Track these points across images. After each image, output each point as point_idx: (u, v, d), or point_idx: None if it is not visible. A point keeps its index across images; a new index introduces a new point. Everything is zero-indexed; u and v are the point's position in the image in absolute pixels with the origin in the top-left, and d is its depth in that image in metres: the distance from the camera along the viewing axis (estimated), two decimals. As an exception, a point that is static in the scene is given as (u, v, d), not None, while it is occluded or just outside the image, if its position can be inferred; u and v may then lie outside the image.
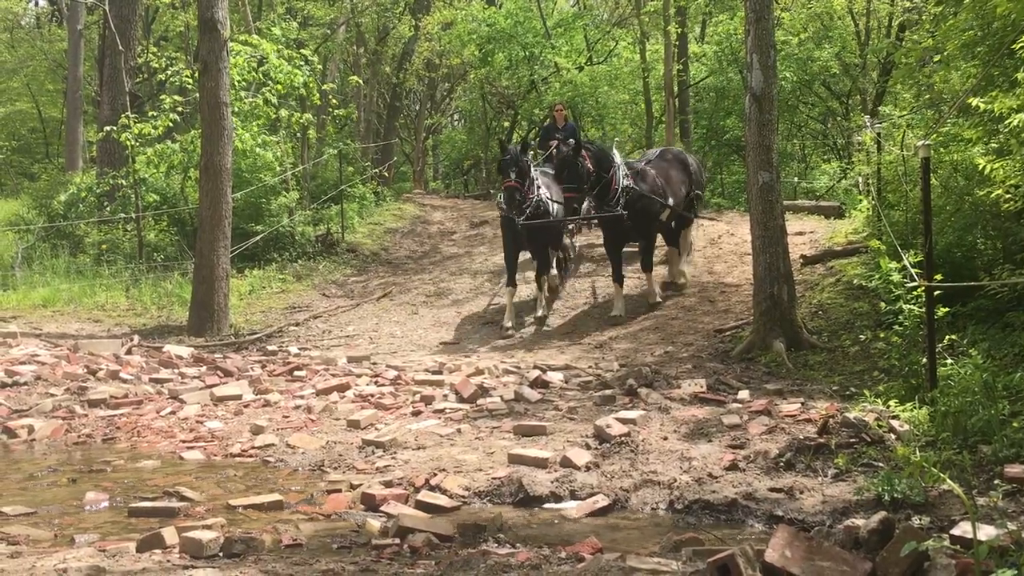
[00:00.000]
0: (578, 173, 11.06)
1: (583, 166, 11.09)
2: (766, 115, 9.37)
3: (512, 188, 11.29)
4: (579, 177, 11.05)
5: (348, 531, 4.69)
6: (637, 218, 11.55)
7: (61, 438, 7.45)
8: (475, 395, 7.70)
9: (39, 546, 4.35)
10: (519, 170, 11.34)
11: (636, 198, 11.48)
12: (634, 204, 11.47)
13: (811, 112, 22.35)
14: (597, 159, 11.35)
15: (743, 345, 9.41)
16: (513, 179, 11.32)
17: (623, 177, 11.46)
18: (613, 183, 11.35)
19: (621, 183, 11.38)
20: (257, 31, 17.79)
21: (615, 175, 11.41)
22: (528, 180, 11.49)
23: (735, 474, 5.51)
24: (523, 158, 11.52)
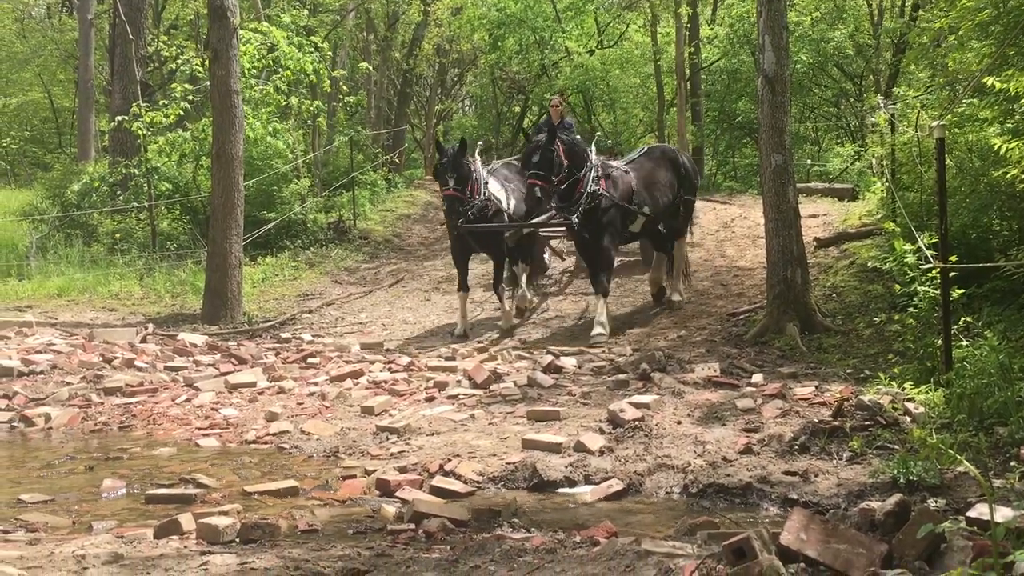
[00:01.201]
0: (549, 160, 9.87)
1: (557, 156, 9.92)
2: (779, 97, 9.31)
3: (452, 198, 10.26)
4: (550, 165, 9.86)
5: (363, 516, 4.71)
6: (598, 229, 10.17)
7: (78, 426, 7.49)
8: (488, 381, 7.70)
9: (57, 533, 4.39)
10: (458, 176, 10.32)
11: (602, 207, 10.15)
12: (598, 214, 10.14)
13: (824, 94, 22.20)
14: (570, 152, 10.12)
15: (757, 329, 9.38)
16: (452, 187, 10.27)
17: (593, 181, 10.13)
18: (580, 185, 10.07)
19: (589, 186, 10.06)
20: (267, 18, 17.77)
21: (586, 176, 10.14)
22: (471, 183, 10.50)
23: (749, 458, 5.50)
24: (463, 159, 10.46)
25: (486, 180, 10.85)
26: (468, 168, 10.54)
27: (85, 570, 3.50)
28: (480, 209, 10.64)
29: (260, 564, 3.59)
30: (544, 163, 9.86)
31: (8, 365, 8.82)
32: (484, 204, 10.68)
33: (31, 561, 3.64)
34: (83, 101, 22.46)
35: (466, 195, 10.41)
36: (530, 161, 10.01)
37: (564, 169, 10.00)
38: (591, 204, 10.10)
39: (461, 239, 10.90)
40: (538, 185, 9.84)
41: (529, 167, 10.03)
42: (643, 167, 10.97)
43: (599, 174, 10.27)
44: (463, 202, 10.36)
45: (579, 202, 10.04)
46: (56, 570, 3.49)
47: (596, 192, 10.12)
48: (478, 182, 10.67)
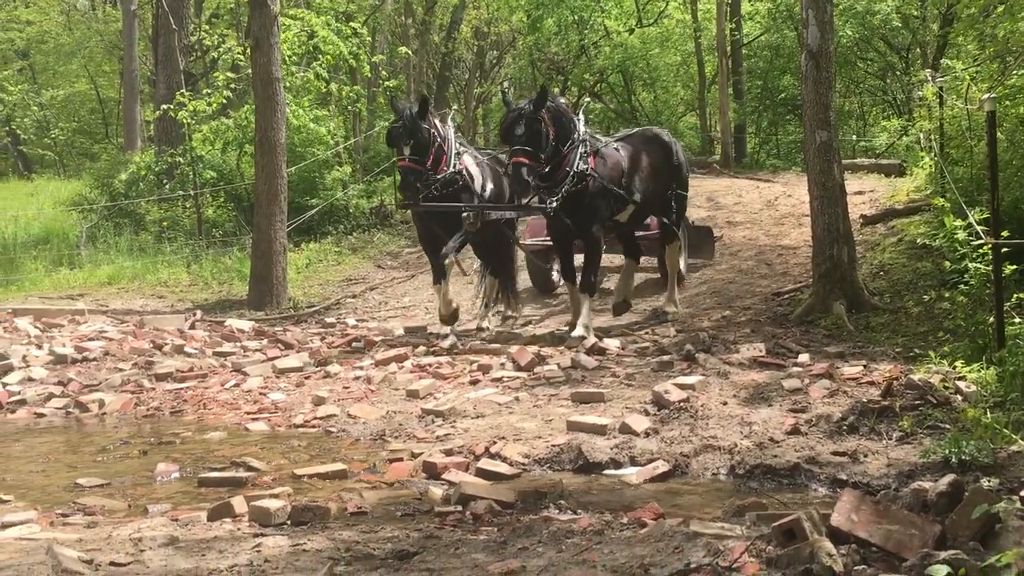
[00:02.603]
0: (537, 133, 8.11)
1: (545, 126, 8.21)
2: (823, 72, 9.15)
3: (407, 170, 8.65)
4: (538, 138, 8.10)
5: (411, 499, 4.76)
6: (582, 215, 8.63)
7: (131, 411, 7.65)
8: (532, 363, 7.71)
9: (114, 516, 4.49)
10: (416, 143, 8.62)
11: (589, 191, 8.59)
12: (584, 198, 8.57)
13: (870, 68, 21.77)
14: (557, 124, 8.40)
15: (802, 308, 9.26)
16: (408, 156, 8.64)
17: (580, 157, 8.51)
18: (566, 162, 8.45)
19: (576, 165, 8.46)
20: (306, 5, 17.86)
21: (572, 152, 8.51)
22: (434, 151, 8.82)
23: (797, 438, 5.46)
24: (423, 123, 8.72)
25: (458, 151, 9.23)
26: (429, 134, 8.78)
27: (142, 552, 3.58)
28: (446, 184, 8.96)
29: (312, 546, 3.64)
30: (531, 136, 8.08)
31: (62, 352, 9.02)
32: (452, 178, 9.01)
33: (90, 544, 3.73)
34: (128, 91, 22.77)
35: (425, 167, 8.74)
36: (512, 134, 8.14)
37: (551, 144, 8.29)
38: (576, 186, 8.49)
39: (426, 221, 9.40)
40: (525, 165, 8.03)
41: (512, 141, 8.15)
42: (634, 148, 9.37)
43: (587, 150, 8.63)
44: (421, 175, 8.69)
45: (563, 183, 8.43)
46: (114, 552, 3.57)
47: (584, 172, 8.48)
48: (445, 151, 9.02)
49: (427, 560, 3.46)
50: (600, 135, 9.45)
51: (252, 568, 3.37)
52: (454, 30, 25.85)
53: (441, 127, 9.18)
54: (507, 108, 8.66)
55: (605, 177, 8.72)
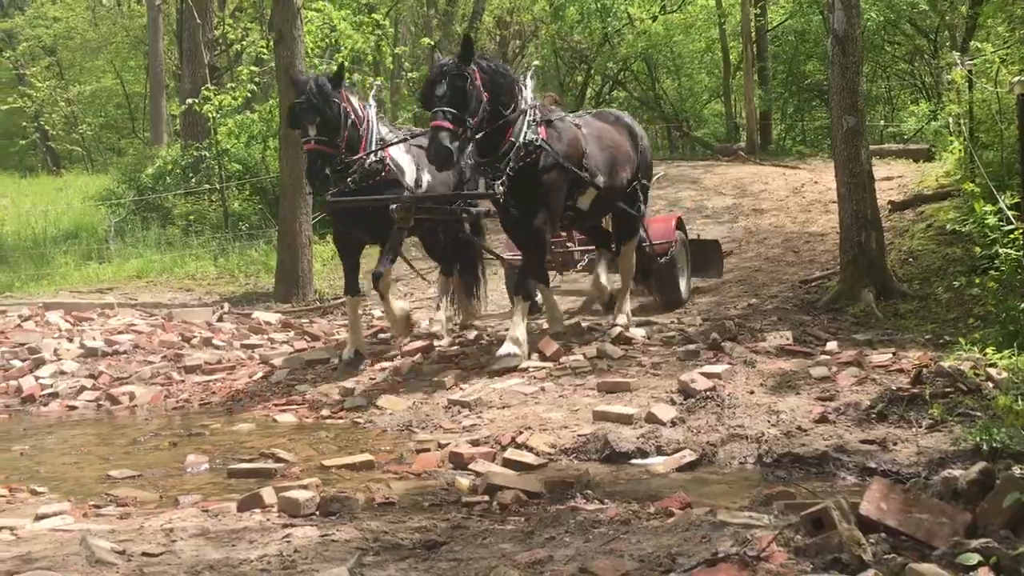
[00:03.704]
0: (462, 92, 6.78)
1: (472, 86, 6.85)
2: (850, 57, 9.05)
3: (314, 154, 7.36)
4: (463, 99, 6.78)
5: (438, 489, 4.77)
6: (531, 198, 7.32)
7: (160, 404, 7.74)
8: (558, 353, 7.70)
9: (146, 507, 4.54)
10: (323, 121, 7.33)
11: (540, 166, 7.29)
12: (534, 174, 7.28)
13: (897, 51, 21.51)
14: (493, 83, 7.06)
15: (830, 295, 9.20)
16: (313, 138, 7.33)
17: (528, 125, 7.28)
18: (509, 132, 7.20)
19: (523, 135, 7.22)
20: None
21: (518, 122, 7.25)
22: (347, 133, 7.52)
23: (825, 426, 5.42)
24: (333, 98, 7.41)
25: (381, 135, 7.91)
26: (341, 112, 7.47)
27: (174, 543, 3.63)
28: (365, 175, 7.70)
29: (340, 536, 3.67)
30: (455, 95, 6.78)
31: (93, 346, 9.13)
32: (373, 168, 7.73)
33: (122, 535, 3.78)
34: (154, 86, 22.96)
35: (337, 150, 7.45)
36: (432, 95, 6.85)
37: (485, 108, 6.98)
38: (524, 161, 7.24)
39: (343, 220, 8.08)
40: (447, 130, 6.69)
41: (432, 102, 6.85)
42: (595, 127, 8.18)
43: (536, 118, 7.37)
44: (331, 159, 7.41)
45: (507, 158, 7.20)
46: (147, 543, 3.62)
47: (533, 143, 7.25)
48: (362, 135, 7.72)
49: (455, 550, 3.47)
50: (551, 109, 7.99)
51: (282, 558, 3.40)
52: (476, 20, 25.83)
53: (359, 106, 7.87)
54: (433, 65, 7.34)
55: (561, 153, 7.41)
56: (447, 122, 6.72)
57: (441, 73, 6.92)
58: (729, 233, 13.22)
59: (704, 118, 25.67)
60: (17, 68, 30.60)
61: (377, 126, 7.95)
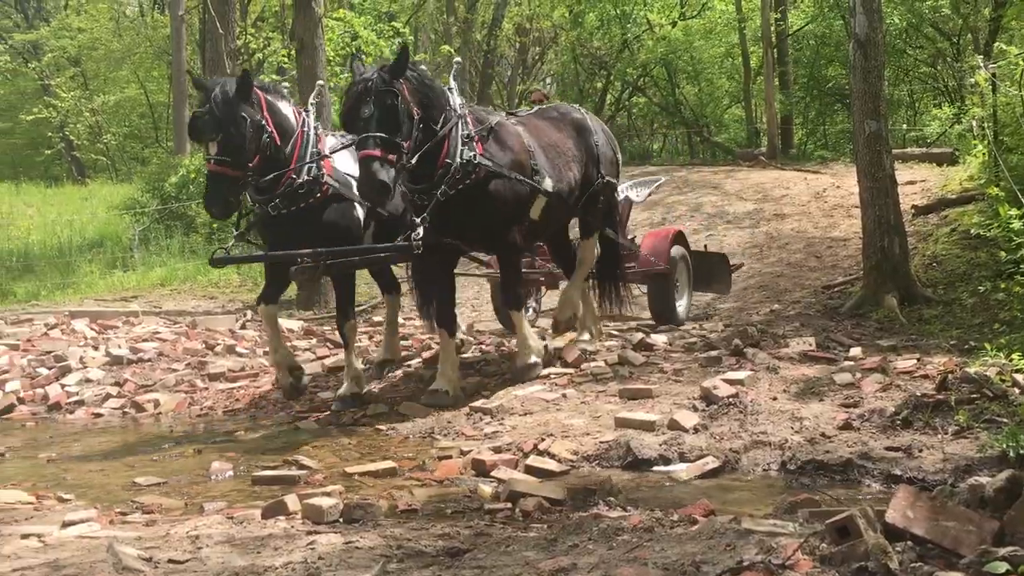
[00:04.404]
0: (392, 112, 5.91)
1: (404, 105, 5.99)
2: (872, 61, 9.02)
3: (214, 177, 6.41)
4: (395, 120, 5.90)
5: (460, 496, 4.78)
6: (482, 217, 6.60)
7: (185, 411, 7.80)
8: (579, 360, 7.70)
9: (171, 514, 4.58)
10: (227, 138, 6.35)
11: (485, 183, 6.51)
12: (477, 197, 6.50)
13: (919, 55, 21.38)
14: (423, 96, 6.23)
15: (853, 301, 9.15)
16: (213, 157, 6.37)
17: (462, 142, 6.39)
18: (444, 149, 6.33)
19: (459, 153, 6.35)
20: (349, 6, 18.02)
21: (451, 135, 6.37)
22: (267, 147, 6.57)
23: (849, 433, 5.39)
24: (239, 109, 6.42)
25: (317, 147, 6.89)
26: (250, 126, 6.43)
27: (199, 550, 3.66)
28: (296, 196, 6.73)
29: (364, 543, 3.68)
30: (384, 117, 5.89)
31: (118, 354, 9.21)
32: (310, 188, 6.76)
33: (149, 541, 3.82)
34: (177, 96, 23.14)
35: (244, 171, 6.43)
36: (357, 117, 5.93)
37: (417, 127, 6.09)
38: (462, 183, 6.37)
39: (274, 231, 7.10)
40: (378, 159, 5.77)
41: (357, 126, 5.96)
42: (536, 128, 7.35)
43: (469, 132, 6.45)
44: (236, 184, 6.44)
45: (441, 182, 6.32)
46: (172, 550, 3.65)
47: (471, 161, 6.37)
48: (293, 149, 6.75)
49: (478, 558, 3.48)
50: (484, 109, 7.27)
51: (306, 565, 3.42)
52: (496, 27, 25.90)
53: (292, 113, 6.93)
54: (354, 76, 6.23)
55: (505, 164, 6.63)
56: (377, 150, 5.81)
57: (366, 90, 5.91)
58: (751, 238, 13.17)
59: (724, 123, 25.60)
60: (42, 79, 30.98)
61: (315, 135, 6.93)
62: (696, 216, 14.79)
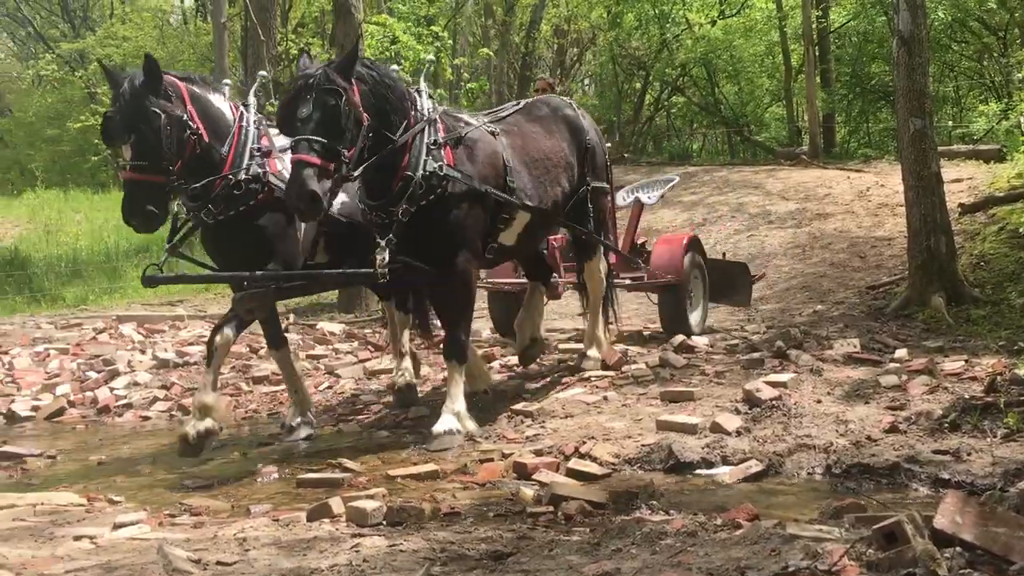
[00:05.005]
0: (334, 116, 5.22)
1: (349, 108, 5.27)
2: (916, 59, 8.91)
3: (130, 185, 5.62)
4: (335, 122, 5.21)
5: (503, 499, 4.79)
6: (439, 242, 5.85)
7: (231, 414, 7.90)
8: (620, 362, 7.68)
9: (219, 516, 4.65)
10: (140, 139, 5.50)
11: (449, 198, 5.78)
12: (440, 215, 5.77)
13: (965, 50, 21.03)
14: (378, 99, 5.54)
15: (899, 301, 9.04)
16: (128, 163, 5.55)
17: (428, 152, 5.69)
18: (405, 160, 5.64)
19: (423, 164, 5.65)
20: (388, 11, 18.15)
21: (412, 143, 5.68)
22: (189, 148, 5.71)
23: (895, 436, 5.32)
24: (152, 105, 5.49)
25: (259, 146, 6.01)
26: (168, 124, 5.54)
27: (247, 552, 3.71)
28: (232, 201, 5.89)
29: (408, 546, 3.71)
30: (324, 119, 5.21)
31: (165, 357, 9.37)
32: (249, 190, 5.91)
33: (197, 544, 3.88)
34: (220, 102, 23.47)
35: (167, 177, 5.62)
36: (293, 117, 5.28)
37: (367, 135, 5.43)
38: (425, 198, 5.70)
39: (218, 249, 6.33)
40: (313, 166, 5.12)
41: (292, 129, 5.31)
42: (520, 130, 6.56)
43: (437, 139, 5.78)
44: (158, 193, 5.64)
45: (401, 199, 5.65)
46: (221, 552, 3.71)
47: (436, 173, 5.68)
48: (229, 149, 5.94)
49: (521, 561, 3.49)
50: (466, 114, 6.52)
51: (351, 568, 3.46)
52: (534, 29, 25.93)
53: (228, 108, 6.10)
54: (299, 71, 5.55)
55: (476, 176, 5.90)
56: (313, 156, 5.14)
57: (306, 87, 5.27)
58: (793, 238, 13.06)
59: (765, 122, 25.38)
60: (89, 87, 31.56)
61: (257, 131, 6.09)
62: (738, 216, 14.69)
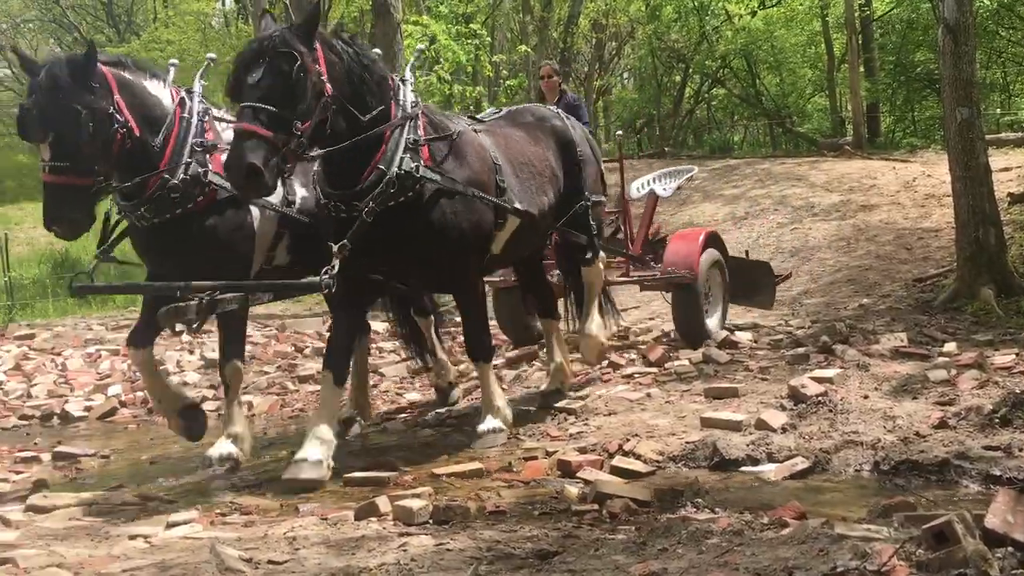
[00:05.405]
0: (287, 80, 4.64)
1: (305, 76, 4.70)
2: (962, 47, 8.75)
3: (51, 189, 4.98)
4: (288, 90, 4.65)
5: (547, 497, 4.81)
6: (430, 244, 5.38)
7: (277, 413, 8.02)
8: (663, 358, 7.66)
9: (268, 515, 4.72)
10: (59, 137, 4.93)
11: (428, 201, 5.29)
12: (420, 218, 5.27)
13: (1012, 36, 20.60)
14: (349, 74, 5.05)
15: (946, 294, 8.90)
16: (47, 164, 4.96)
17: (405, 147, 5.18)
18: (379, 153, 5.14)
19: (398, 161, 5.14)
20: (426, 9, 18.24)
21: (390, 137, 5.19)
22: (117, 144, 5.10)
23: (945, 432, 5.24)
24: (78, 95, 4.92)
25: (202, 140, 5.38)
26: (90, 119, 4.95)
27: (297, 551, 3.77)
28: (169, 203, 5.30)
29: (455, 545, 3.75)
30: (276, 86, 4.66)
31: (212, 357, 9.50)
32: (188, 191, 5.31)
33: (248, 543, 3.95)
34: (262, 104, 23.76)
35: (91, 179, 5.05)
36: (242, 86, 4.72)
37: (329, 107, 4.87)
38: (395, 199, 5.16)
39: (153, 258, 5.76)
40: (256, 138, 4.55)
41: (241, 97, 4.72)
42: (503, 132, 6.16)
43: (418, 138, 5.27)
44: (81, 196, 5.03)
45: (367, 195, 5.11)
46: (272, 551, 3.77)
47: (412, 174, 5.16)
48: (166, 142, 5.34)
49: (568, 561, 3.50)
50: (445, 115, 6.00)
51: (400, 567, 3.50)
52: (572, 24, 25.85)
53: (158, 91, 5.48)
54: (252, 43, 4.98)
55: (464, 179, 5.44)
56: (258, 125, 4.56)
57: (260, 50, 4.72)
58: (838, 231, 12.93)
59: (807, 113, 25.08)
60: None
61: (201, 123, 5.46)
62: (781, 209, 14.55)
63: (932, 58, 18.96)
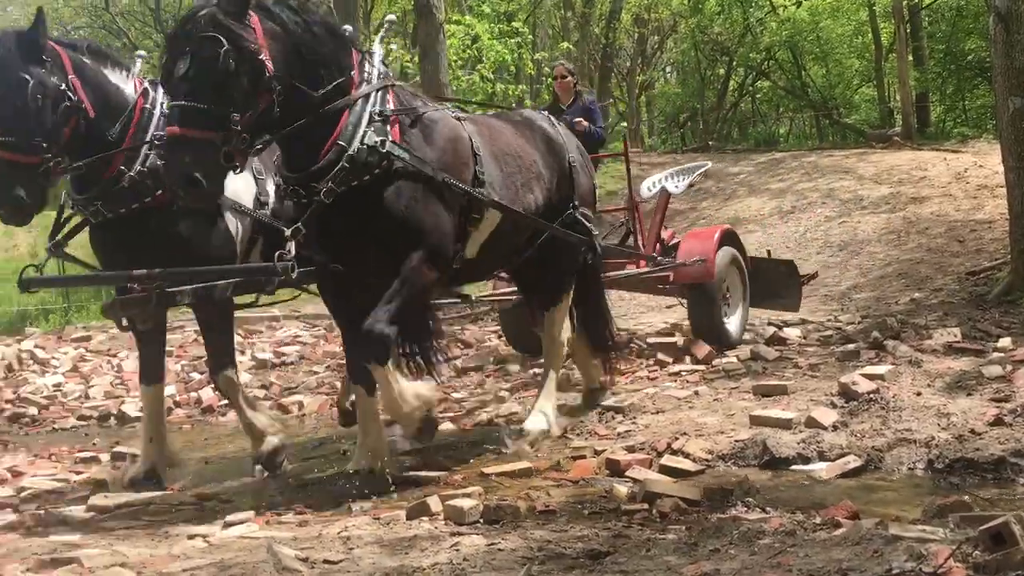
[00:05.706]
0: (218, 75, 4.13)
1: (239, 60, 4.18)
2: (1015, 35, 8.59)
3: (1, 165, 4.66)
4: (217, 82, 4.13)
5: (596, 497, 4.82)
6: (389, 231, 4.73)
7: (327, 412, 8.11)
8: (710, 356, 7.62)
9: (322, 515, 4.79)
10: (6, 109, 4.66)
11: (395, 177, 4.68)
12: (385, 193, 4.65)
13: (1067, 21, 20.12)
14: (296, 44, 4.51)
15: (1001, 287, 8.75)
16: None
17: (369, 120, 4.66)
18: (338, 128, 4.59)
19: (361, 135, 4.61)
20: (468, 9, 18.30)
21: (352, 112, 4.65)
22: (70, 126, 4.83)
23: (1001, 429, 5.15)
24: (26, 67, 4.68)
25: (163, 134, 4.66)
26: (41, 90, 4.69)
27: (351, 550, 3.83)
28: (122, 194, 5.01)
29: (507, 545, 3.78)
30: (204, 81, 4.16)
31: (263, 357, 9.68)
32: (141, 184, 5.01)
33: (303, 542, 4.02)
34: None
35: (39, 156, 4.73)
36: (171, 79, 4.26)
37: (274, 86, 4.34)
38: (358, 178, 4.60)
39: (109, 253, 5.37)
40: (190, 143, 4.13)
41: (171, 92, 4.30)
42: (491, 129, 5.61)
43: (385, 110, 4.76)
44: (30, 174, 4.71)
45: (327, 174, 4.56)
46: (326, 550, 3.84)
47: (376, 148, 4.61)
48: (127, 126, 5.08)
49: (619, 561, 3.51)
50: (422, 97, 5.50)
51: (452, 567, 3.54)
52: (614, 19, 25.76)
53: (119, 80, 5.19)
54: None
55: (433, 161, 4.84)
56: (190, 127, 4.13)
57: (183, 34, 4.26)
58: (887, 224, 12.76)
59: (855, 104, 24.73)
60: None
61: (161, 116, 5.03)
62: (828, 202, 14.39)
63: (983, 46, 18.58)
